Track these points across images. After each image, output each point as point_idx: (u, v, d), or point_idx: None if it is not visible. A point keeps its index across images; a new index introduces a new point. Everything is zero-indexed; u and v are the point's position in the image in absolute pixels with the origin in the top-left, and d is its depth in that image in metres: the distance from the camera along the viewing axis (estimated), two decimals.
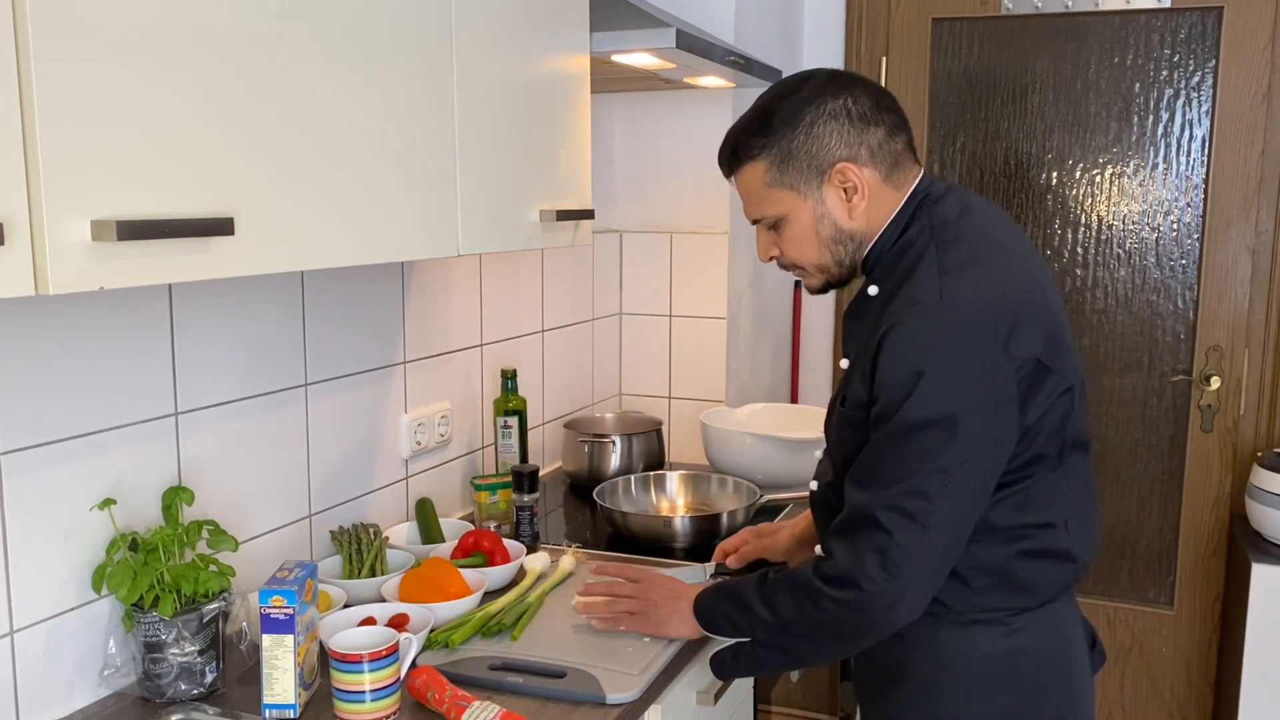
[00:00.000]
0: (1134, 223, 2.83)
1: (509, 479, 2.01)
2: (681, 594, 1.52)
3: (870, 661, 1.45)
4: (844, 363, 1.42)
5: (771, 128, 1.35)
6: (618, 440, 2.36)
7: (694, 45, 1.91)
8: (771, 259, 1.45)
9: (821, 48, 3.04)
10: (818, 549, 1.43)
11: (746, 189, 1.40)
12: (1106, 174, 2.83)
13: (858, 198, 1.35)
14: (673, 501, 2.23)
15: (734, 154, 1.40)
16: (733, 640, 1.45)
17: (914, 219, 1.36)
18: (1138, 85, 2.78)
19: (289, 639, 1.31)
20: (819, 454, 1.56)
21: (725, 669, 1.47)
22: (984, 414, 1.23)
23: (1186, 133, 2.75)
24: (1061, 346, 1.31)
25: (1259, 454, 2.65)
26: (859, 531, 1.27)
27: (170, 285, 1.45)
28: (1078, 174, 2.86)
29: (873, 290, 1.38)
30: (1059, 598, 1.39)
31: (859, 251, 1.39)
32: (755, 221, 1.43)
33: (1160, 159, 2.78)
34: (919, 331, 1.25)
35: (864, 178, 1.34)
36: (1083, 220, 2.87)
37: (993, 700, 1.35)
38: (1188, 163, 2.76)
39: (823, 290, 1.46)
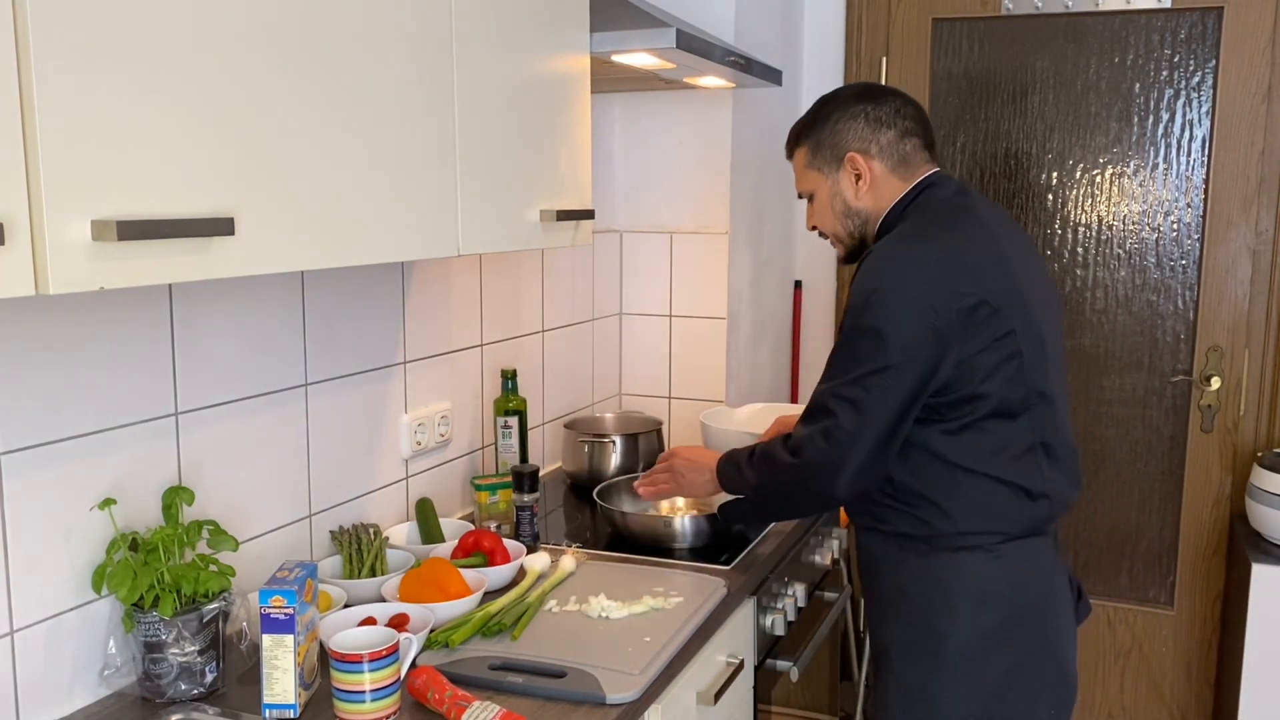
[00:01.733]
0: (1134, 223, 2.83)
1: (509, 479, 2.01)
2: (704, 462, 1.83)
3: (875, 588, 1.69)
4: None
5: (815, 123, 1.71)
6: (618, 440, 2.36)
7: (694, 45, 1.91)
8: (813, 228, 1.78)
9: (822, 48, 3.04)
10: None
11: (796, 168, 1.76)
12: (1106, 174, 2.83)
13: (863, 183, 1.67)
14: (673, 501, 2.22)
15: (791, 140, 1.77)
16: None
17: (915, 201, 1.65)
18: (1138, 85, 2.78)
19: (289, 639, 1.31)
20: None
21: (727, 516, 1.85)
22: (922, 328, 1.48)
23: (1186, 133, 2.75)
24: (1013, 298, 1.52)
25: (1259, 454, 2.65)
26: (813, 414, 1.56)
27: (170, 285, 1.45)
28: (1078, 174, 2.86)
29: None
30: (1036, 535, 1.59)
31: (866, 227, 1.70)
32: (800, 196, 1.78)
33: (1160, 159, 2.78)
34: (880, 261, 1.54)
35: (870, 168, 1.66)
36: (1083, 220, 2.87)
37: (980, 619, 1.56)
38: (1188, 163, 2.76)
39: (847, 260, 1.76)
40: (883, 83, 2.74)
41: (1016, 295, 1.53)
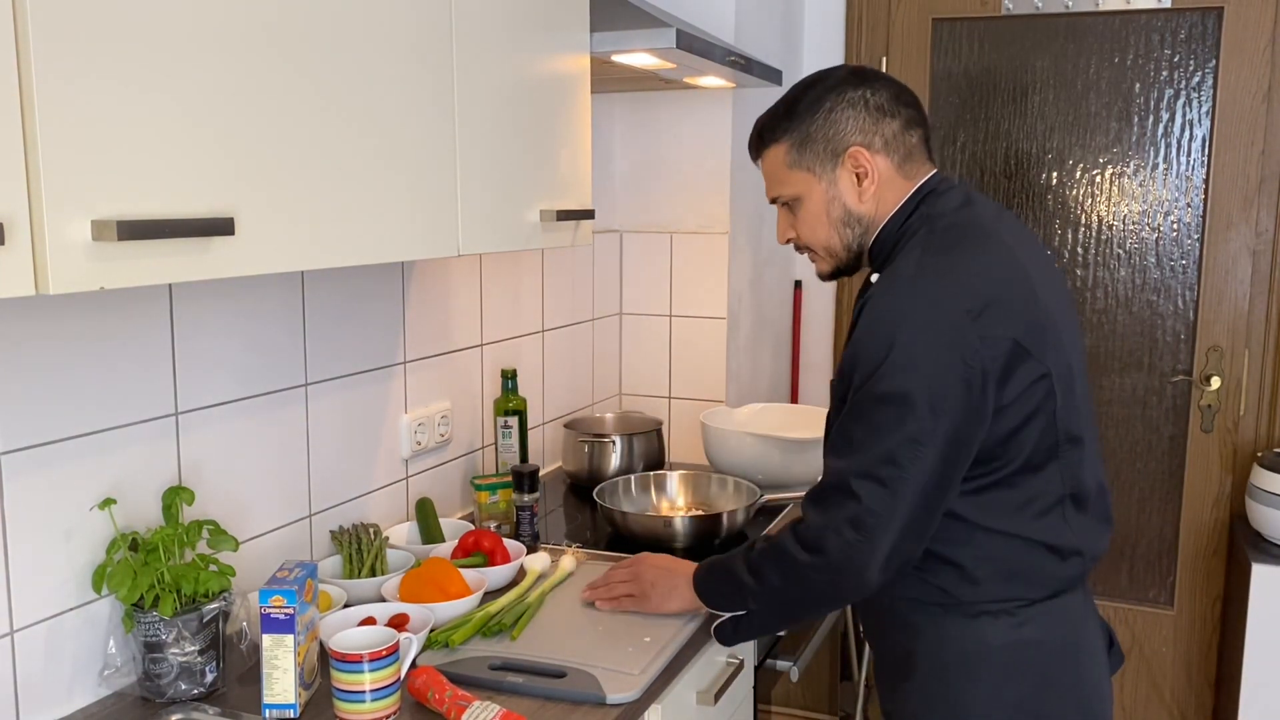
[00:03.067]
0: (1134, 223, 2.83)
1: (509, 479, 2.01)
2: (678, 571, 1.58)
3: (886, 653, 1.50)
4: None
5: (795, 113, 1.43)
6: (618, 440, 2.36)
7: (694, 45, 1.91)
8: (788, 241, 1.52)
9: (822, 48, 3.04)
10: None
11: (769, 170, 1.49)
12: (1106, 174, 2.83)
13: (868, 182, 1.42)
14: (673, 501, 2.23)
15: (760, 137, 1.49)
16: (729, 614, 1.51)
17: (916, 210, 1.42)
18: (1138, 85, 2.78)
19: (289, 639, 1.31)
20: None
21: (727, 637, 1.53)
22: (953, 385, 1.27)
23: (1186, 133, 2.75)
24: (1046, 335, 1.33)
25: (1259, 454, 2.65)
26: (832, 498, 1.33)
27: (170, 285, 1.45)
28: (1078, 174, 2.86)
29: (875, 278, 1.44)
30: (1067, 591, 1.40)
31: (865, 236, 1.45)
32: (774, 201, 1.51)
33: (1160, 159, 2.78)
34: (893, 304, 1.31)
35: (876, 164, 1.41)
36: (1083, 220, 2.87)
37: (1003, 691, 1.38)
38: (1188, 163, 2.76)
39: (831, 277, 1.52)
40: None
41: (1048, 330, 1.33)
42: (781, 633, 1.84)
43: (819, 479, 1.46)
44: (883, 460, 1.28)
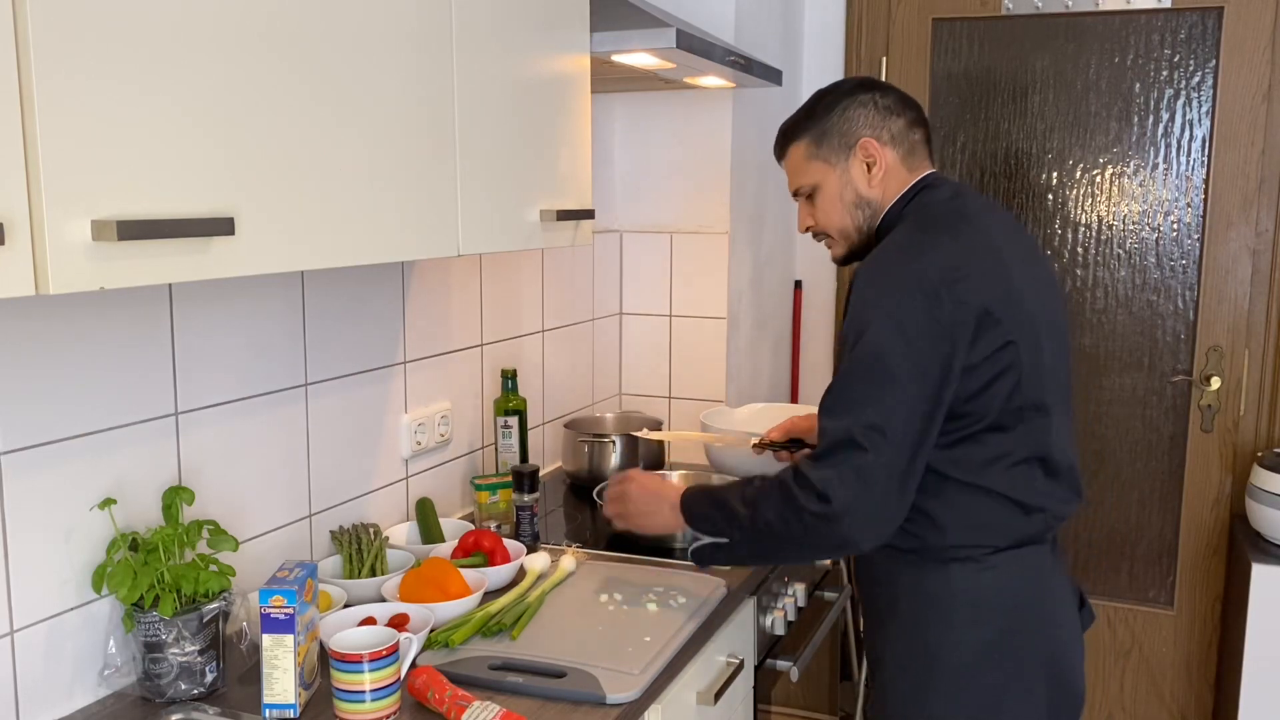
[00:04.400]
0: (1134, 223, 2.83)
1: (509, 479, 2.01)
2: (663, 494, 1.67)
3: (870, 597, 1.65)
4: None
5: (814, 115, 1.63)
6: (618, 440, 2.36)
7: (694, 45, 1.91)
8: (808, 229, 1.68)
9: (822, 48, 3.04)
10: None
11: (791, 166, 1.67)
12: (1106, 174, 2.83)
13: (876, 169, 1.59)
14: None
15: (783, 138, 1.67)
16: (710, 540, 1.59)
17: (913, 200, 1.59)
18: (1138, 85, 2.78)
19: (289, 639, 1.31)
20: None
21: (704, 559, 1.61)
22: (932, 345, 1.41)
23: (1187, 133, 2.75)
24: (1014, 308, 1.46)
25: (1259, 454, 2.65)
26: (838, 453, 1.42)
27: (170, 285, 1.45)
28: (1078, 174, 2.86)
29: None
30: (1031, 544, 1.53)
31: (874, 219, 1.62)
32: (795, 194, 1.68)
33: (1160, 159, 2.78)
34: (877, 273, 1.47)
35: (884, 154, 1.59)
36: (1083, 220, 2.87)
37: (973, 632, 1.51)
38: (1188, 163, 2.76)
39: (845, 261, 1.68)
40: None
41: (1016, 303, 1.46)
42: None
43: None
44: (882, 416, 1.40)
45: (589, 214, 1.79)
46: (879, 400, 1.40)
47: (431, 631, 1.52)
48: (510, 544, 1.81)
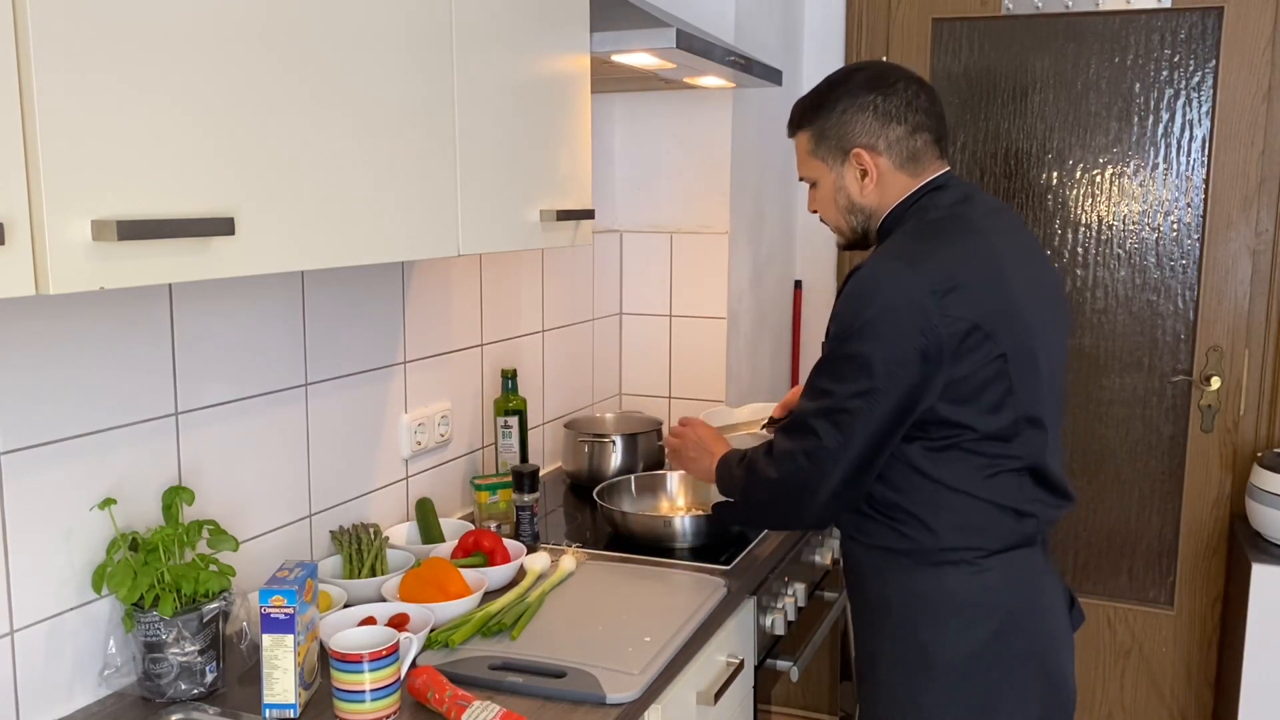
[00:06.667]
0: (1134, 223, 2.83)
1: (509, 479, 2.01)
2: (713, 450, 1.80)
3: (860, 596, 1.65)
4: None
5: (818, 109, 1.62)
6: (618, 440, 2.36)
7: (694, 45, 1.91)
8: (814, 212, 1.71)
9: (822, 48, 3.04)
10: None
11: (798, 152, 1.68)
12: (1106, 174, 2.83)
13: (869, 180, 1.59)
14: (673, 501, 2.23)
15: (793, 121, 1.68)
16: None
17: (917, 203, 1.58)
18: (1138, 85, 2.78)
19: (289, 639, 1.31)
20: None
21: (721, 518, 1.81)
22: (909, 354, 1.43)
23: (1186, 133, 2.75)
24: (1008, 322, 1.47)
25: (1259, 454, 2.65)
26: (797, 432, 1.53)
27: (170, 285, 1.45)
28: (1078, 174, 2.86)
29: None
30: (1023, 546, 1.55)
31: (870, 223, 1.63)
32: (801, 179, 1.70)
33: (1160, 159, 2.78)
34: (870, 279, 1.48)
35: (877, 164, 1.58)
36: (1083, 220, 2.87)
37: (967, 633, 1.52)
38: (1188, 163, 2.76)
39: (848, 248, 1.72)
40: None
41: (1012, 317, 1.47)
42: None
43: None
44: (838, 408, 1.47)
45: (589, 214, 1.79)
46: (845, 395, 1.47)
47: (431, 631, 1.52)
48: (510, 544, 1.81)
